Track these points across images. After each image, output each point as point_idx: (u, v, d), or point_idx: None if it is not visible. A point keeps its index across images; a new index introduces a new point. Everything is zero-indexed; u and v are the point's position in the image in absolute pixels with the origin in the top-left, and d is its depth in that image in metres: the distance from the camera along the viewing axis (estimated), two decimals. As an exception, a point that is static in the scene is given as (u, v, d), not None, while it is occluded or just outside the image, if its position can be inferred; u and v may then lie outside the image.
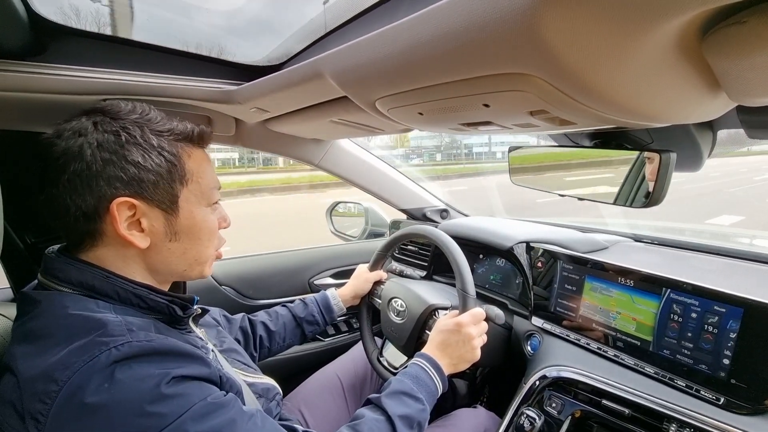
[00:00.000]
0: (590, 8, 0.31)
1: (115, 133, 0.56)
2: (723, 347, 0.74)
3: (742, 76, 0.41)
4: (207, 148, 0.68)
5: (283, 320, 1.07)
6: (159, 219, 0.59)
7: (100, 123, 0.56)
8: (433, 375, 0.82)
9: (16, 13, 0.65)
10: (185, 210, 0.61)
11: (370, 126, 0.97)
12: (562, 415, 0.90)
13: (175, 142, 0.61)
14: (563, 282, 1.04)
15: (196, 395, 0.51)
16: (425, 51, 0.46)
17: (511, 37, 0.36)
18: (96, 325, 0.50)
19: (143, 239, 0.58)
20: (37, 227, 1.05)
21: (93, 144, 0.54)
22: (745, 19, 0.32)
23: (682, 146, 0.81)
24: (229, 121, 1.13)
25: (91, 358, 0.47)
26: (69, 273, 0.56)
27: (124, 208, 0.56)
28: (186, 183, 0.61)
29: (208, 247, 0.66)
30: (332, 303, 1.12)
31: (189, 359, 0.54)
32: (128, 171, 0.55)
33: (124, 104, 0.60)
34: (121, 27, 0.80)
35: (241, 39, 0.93)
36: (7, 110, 0.84)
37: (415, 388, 0.77)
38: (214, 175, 0.67)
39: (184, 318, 0.65)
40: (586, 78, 0.40)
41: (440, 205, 1.70)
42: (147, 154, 0.57)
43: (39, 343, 0.50)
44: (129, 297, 0.57)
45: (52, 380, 0.46)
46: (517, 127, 0.66)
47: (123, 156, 0.55)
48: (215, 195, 0.67)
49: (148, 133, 0.58)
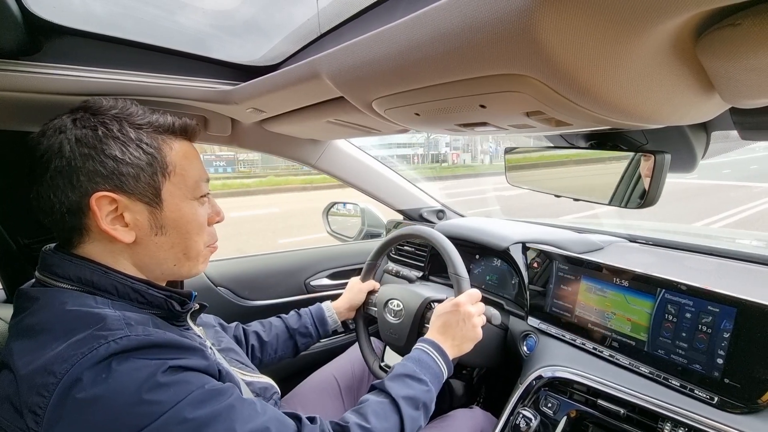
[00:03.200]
0: (586, 10, 0.31)
1: (92, 128, 0.56)
2: (717, 347, 0.75)
3: (735, 78, 0.41)
4: (194, 141, 0.68)
5: (276, 331, 1.05)
6: (143, 213, 0.59)
7: (80, 119, 0.57)
8: (436, 357, 0.81)
9: (10, 11, 0.64)
10: (170, 203, 0.61)
11: (366, 126, 0.97)
12: (558, 415, 0.91)
13: (156, 134, 0.60)
14: (559, 282, 1.04)
15: (194, 383, 0.51)
16: (422, 52, 0.46)
17: (507, 39, 0.37)
18: (95, 320, 0.51)
19: (127, 233, 0.58)
20: (30, 228, 1.04)
21: (72, 140, 0.55)
22: (739, 21, 0.33)
23: (677, 147, 0.81)
24: (225, 122, 1.13)
25: (90, 350, 0.47)
26: (67, 269, 0.56)
27: (105, 203, 0.56)
28: (168, 175, 0.61)
29: (197, 242, 0.66)
30: (326, 315, 1.10)
31: (187, 351, 0.54)
32: (107, 165, 0.55)
33: (105, 101, 0.60)
34: (116, 26, 0.79)
35: (237, 39, 0.93)
36: (1, 110, 0.83)
37: (417, 370, 0.77)
38: (202, 168, 0.66)
39: (182, 313, 0.65)
40: (582, 79, 0.40)
41: (437, 206, 1.70)
42: (125, 147, 0.57)
43: (37, 338, 0.51)
44: (127, 292, 0.57)
45: (51, 373, 0.46)
46: (513, 127, 0.66)
47: (101, 150, 0.55)
48: (203, 188, 0.66)
49: (126, 127, 0.58)
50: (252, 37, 0.93)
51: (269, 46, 0.92)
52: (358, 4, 0.68)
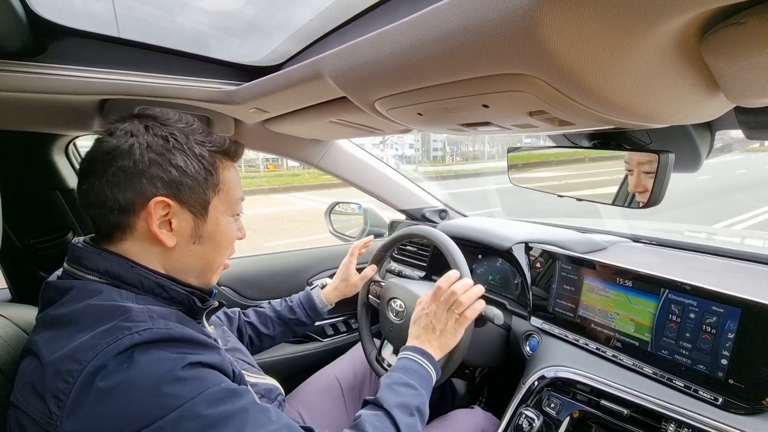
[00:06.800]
0: (589, 9, 0.31)
1: (164, 138, 0.60)
2: (721, 347, 0.74)
3: (740, 77, 0.41)
4: (238, 161, 0.72)
5: (272, 322, 1.08)
6: (188, 221, 0.63)
7: (151, 127, 0.61)
8: (419, 361, 0.81)
9: (15, 13, 0.64)
10: (212, 216, 0.65)
11: (369, 126, 0.97)
12: (561, 415, 0.90)
13: (214, 153, 0.65)
14: (562, 282, 1.04)
15: (211, 380, 0.53)
16: (425, 51, 0.46)
17: (510, 38, 0.37)
18: (120, 312, 0.53)
19: (171, 238, 0.61)
20: (35, 228, 1.05)
21: (143, 144, 0.59)
22: (744, 19, 0.33)
23: (681, 147, 0.81)
24: (229, 122, 1.13)
25: (114, 340, 0.49)
26: (95, 261, 0.59)
27: (160, 207, 0.59)
28: (218, 192, 0.66)
29: (224, 255, 0.70)
30: (312, 293, 1.13)
31: (205, 347, 0.56)
32: (170, 173, 0.59)
33: (172, 113, 0.65)
34: (120, 27, 0.79)
35: (240, 39, 0.93)
36: (6, 111, 0.84)
37: (404, 376, 0.77)
38: (241, 188, 0.72)
39: (202, 310, 0.67)
40: (585, 78, 0.40)
41: (439, 206, 1.70)
42: (189, 160, 0.61)
43: (64, 328, 0.53)
44: (152, 287, 0.60)
45: (76, 360, 0.48)
46: (516, 127, 0.66)
47: (168, 159, 0.60)
48: (239, 207, 0.71)
49: (192, 142, 0.63)
50: (254, 38, 0.93)
51: (272, 47, 0.92)
52: (361, 5, 0.68)
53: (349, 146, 1.50)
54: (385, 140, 19.97)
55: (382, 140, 19.03)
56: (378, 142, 20.56)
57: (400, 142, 22.97)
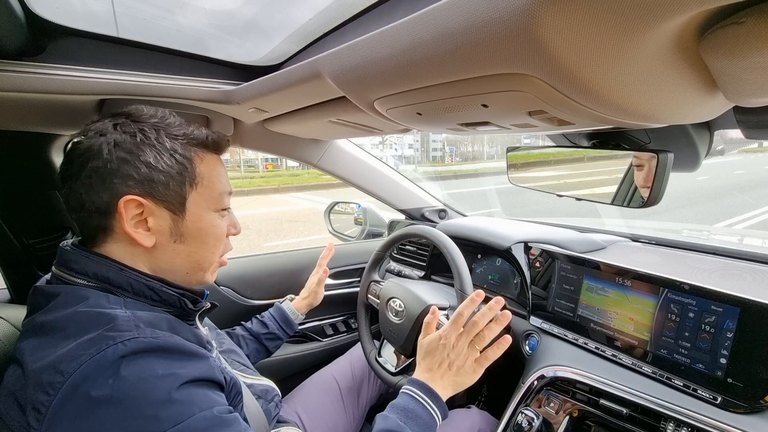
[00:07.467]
0: (588, 9, 0.31)
1: (131, 134, 0.59)
2: (720, 346, 0.75)
3: (739, 77, 0.41)
4: (223, 154, 0.70)
5: (245, 341, 1.07)
6: (166, 219, 0.61)
7: (121, 125, 0.59)
8: (425, 402, 0.72)
9: (14, 12, 0.64)
10: (193, 213, 0.63)
11: (368, 126, 0.97)
12: (560, 414, 0.91)
13: (189, 146, 0.63)
14: (561, 282, 1.04)
15: (201, 404, 0.51)
16: (424, 51, 0.46)
17: (509, 38, 0.37)
18: (105, 320, 0.51)
19: (148, 238, 0.60)
20: (34, 228, 1.05)
21: (111, 143, 0.57)
22: (743, 19, 0.33)
23: (680, 146, 0.81)
24: (228, 122, 1.13)
25: (98, 351, 0.47)
26: (84, 265, 0.57)
27: (132, 206, 0.58)
28: (195, 186, 0.63)
29: (213, 253, 0.68)
30: (283, 306, 1.16)
31: (193, 358, 0.54)
32: (140, 170, 0.58)
33: (147, 109, 0.63)
34: (119, 27, 0.79)
35: (239, 39, 0.93)
36: (5, 110, 0.84)
37: (402, 423, 0.68)
38: (227, 181, 0.69)
39: (194, 311, 0.66)
40: (584, 78, 0.40)
41: (438, 206, 1.70)
42: (159, 155, 0.59)
43: (49, 336, 0.51)
44: (142, 289, 0.59)
45: (58, 371, 0.46)
46: (516, 127, 0.66)
47: (137, 156, 0.58)
48: (225, 201, 0.68)
49: (163, 136, 0.61)
50: (254, 37, 0.93)
51: (271, 46, 0.92)
52: (360, 4, 0.68)
53: (349, 146, 1.50)
54: (385, 140, 20.13)
55: (381, 140, 19.21)
56: (377, 142, 20.78)
57: (399, 142, 23.12)
